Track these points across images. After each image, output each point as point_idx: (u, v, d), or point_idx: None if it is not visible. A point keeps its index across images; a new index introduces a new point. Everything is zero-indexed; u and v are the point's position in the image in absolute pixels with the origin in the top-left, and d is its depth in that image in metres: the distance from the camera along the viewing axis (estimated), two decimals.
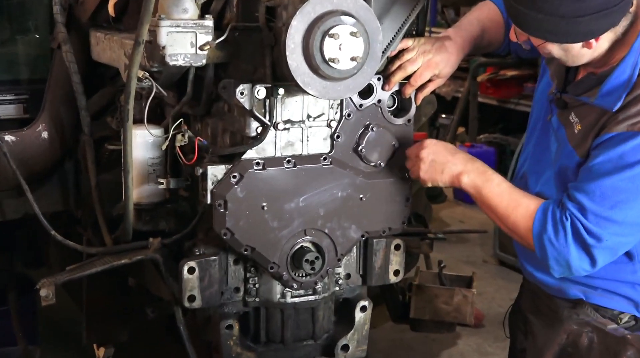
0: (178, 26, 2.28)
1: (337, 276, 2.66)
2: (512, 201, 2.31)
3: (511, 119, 7.49)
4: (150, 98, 2.42)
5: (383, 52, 2.43)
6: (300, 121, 2.45)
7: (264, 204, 2.40)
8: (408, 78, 2.51)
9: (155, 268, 2.69)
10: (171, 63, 2.30)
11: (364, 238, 2.61)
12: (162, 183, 2.57)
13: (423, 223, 3.22)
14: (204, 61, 2.34)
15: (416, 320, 3.32)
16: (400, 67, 2.49)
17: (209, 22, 2.32)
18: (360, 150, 2.52)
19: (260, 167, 2.40)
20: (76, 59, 2.96)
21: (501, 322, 2.89)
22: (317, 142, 2.48)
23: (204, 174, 2.38)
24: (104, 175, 3.01)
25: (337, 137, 2.49)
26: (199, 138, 2.46)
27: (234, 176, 2.38)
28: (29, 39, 3.32)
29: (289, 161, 2.43)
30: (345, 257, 2.64)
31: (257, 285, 2.56)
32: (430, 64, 2.49)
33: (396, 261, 2.69)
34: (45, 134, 3.09)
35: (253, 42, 2.37)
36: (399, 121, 2.57)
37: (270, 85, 2.32)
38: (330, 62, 2.18)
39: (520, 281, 2.75)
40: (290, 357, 2.63)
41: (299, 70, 2.19)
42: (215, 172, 2.38)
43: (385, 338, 4.55)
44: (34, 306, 3.76)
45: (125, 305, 3.33)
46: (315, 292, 2.60)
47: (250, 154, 2.40)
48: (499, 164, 7.45)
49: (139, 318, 3.17)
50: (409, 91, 2.53)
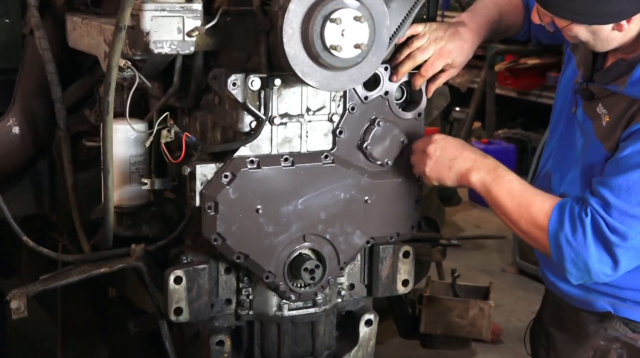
0: (163, 10, 2.29)
1: (340, 286, 2.67)
2: (526, 200, 2.31)
3: (532, 112, 7.50)
4: (133, 89, 2.42)
5: (390, 39, 2.43)
6: (298, 115, 2.45)
7: (259, 206, 2.41)
8: (418, 68, 2.52)
9: (138, 277, 2.70)
10: (156, 51, 2.31)
11: (369, 245, 2.62)
12: (146, 184, 2.57)
13: (435, 227, 3.22)
14: (192, 49, 2.35)
15: (427, 336, 3.32)
16: (409, 56, 2.50)
17: (197, 5, 2.33)
18: (366, 147, 2.52)
19: (255, 166, 2.41)
20: (50, 46, 2.96)
21: (521, 337, 2.90)
22: (318, 138, 2.49)
23: (192, 174, 2.38)
24: (81, 175, 3.02)
25: (340, 133, 2.50)
26: (186, 133, 2.46)
27: (226, 176, 2.38)
28: None
29: (286, 159, 2.44)
30: (348, 266, 2.65)
31: (251, 297, 2.57)
32: (443, 52, 2.50)
33: (405, 270, 2.70)
34: (16, 130, 3.09)
35: (246, 27, 2.37)
36: (409, 115, 2.58)
37: (265, 75, 2.33)
38: (331, 50, 2.19)
39: (542, 293, 2.76)
40: None
41: (297, 58, 2.20)
42: (205, 171, 2.39)
43: (393, 356, 4.56)
44: (4, 319, 3.77)
45: (105, 319, 3.34)
46: (315, 304, 2.60)
47: (243, 151, 2.41)
48: (520, 162, 7.46)
49: (119, 333, 3.17)
50: (420, 82, 2.54)
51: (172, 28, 2.30)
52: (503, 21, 2.63)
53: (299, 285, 2.52)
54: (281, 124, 2.43)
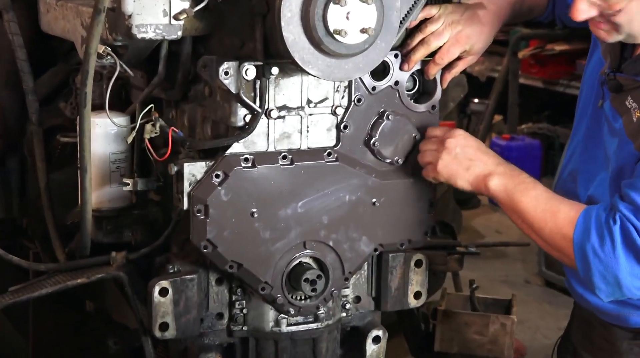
0: None
1: (344, 299, 2.68)
2: (551, 207, 2.31)
3: (560, 104, 7.49)
4: (113, 79, 2.43)
5: (401, 22, 2.44)
6: (298, 108, 2.46)
7: (254, 210, 2.42)
8: (432, 55, 2.53)
9: (118, 289, 2.70)
10: (139, 36, 2.31)
11: (377, 253, 2.62)
12: (128, 184, 2.58)
13: (451, 233, 3.23)
14: (179, 34, 2.35)
15: (442, 354, 3.33)
16: (422, 42, 2.51)
17: None
18: (373, 143, 2.53)
19: (250, 164, 2.42)
20: (21, 31, 2.96)
21: (548, 356, 2.90)
22: (320, 133, 2.50)
23: (180, 173, 2.39)
24: (55, 174, 3.02)
25: (345, 127, 2.51)
26: (173, 128, 2.47)
27: (217, 176, 2.39)
28: None
29: (284, 157, 2.45)
30: (354, 276, 2.66)
31: (245, 311, 2.58)
32: (460, 37, 2.51)
33: (417, 281, 2.70)
34: None
35: (240, 10, 2.38)
36: (421, 107, 2.59)
37: (261, 63, 2.33)
38: (335, 35, 2.19)
39: (571, 306, 2.76)
40: None
41: (296, 44, 2.20)
42: (194, 170, 2.39)
43: None
44: None
45: (81, 335, 3.35)
46: (317, 319, 2.61)
47: (236, 148, 2.41)
48: (546, 161, 7.46)
49: (98, 351, 3.18)
50: (434, 71, 2.55)
51: (157, 10, 2.30)
52: (525, 1, 2.64)
53: (298, 298, 2.53)
54: (279, 117, 2.44)
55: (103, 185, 2.65)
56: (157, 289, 2.46)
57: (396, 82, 2.55)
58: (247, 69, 2.34)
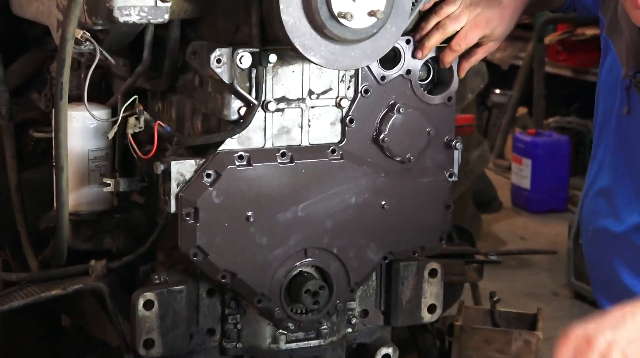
0: None
1: (350, 313, 2.69)
2: None
3: (591, 96, 7.50)
4: (93, 68, 2.43)
5: (413, 4, 2.44)
6: (299, 100, 2.47)
7: (250, 213, 2.43)
8: (448, 41, 2.54)
9: (98, 301, 2.71)
10: (121, 19, 2.32)
11: (386, 261, 2.63)
12: (109, 185, 2.58)
13: (469, 239, 3.25)
14: (166, 17, 2.36)
15: None
16: (437, 26, 2.51)
17: None
18: (383, 139, 2.54)
19: (244, 162, 2.42)
20: None
21: None
22: (323, 128, 2.51)
23: (167, 173, 2.40)
24: (28, 173, 3.03)
25: (351, 121, 2.52)
26: (159, 122, 2.48)
27: (208, 175, 2.40)
28: None
29: (283, 155, 2.46)
30: (360, 287, 2.67)
31: (239, 326, 2.58)
32: (479, 21, 2.51)
33: (431, 293, 2.71)
34: None
35: None
36: (436, 99, 2.59)
37: (257, 50, 2.34)
38: (340, 18, 2.20)
39: None
40: None
41: (297, 29, 2.21)
42: (182, 169, 2.40)
43: None
44: None
45: (57, 353, 3.35)
46: (319, 335, 2.62)
47: (230, 144, 2.42)
48: (575, 159, 7.47)
49: None
50: (450, 59, 2.56)
51: None
52: None
53: (299, 311, 2.54)
54: (277, 110, 2.45)
55: (81, 186, 2.65)
56: (141, 302, 2.46)
57: (408, 71, 2.55)
58: (241, 57, 2.34)
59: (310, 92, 2.48)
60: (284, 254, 2.48)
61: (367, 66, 2.49)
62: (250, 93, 2.39)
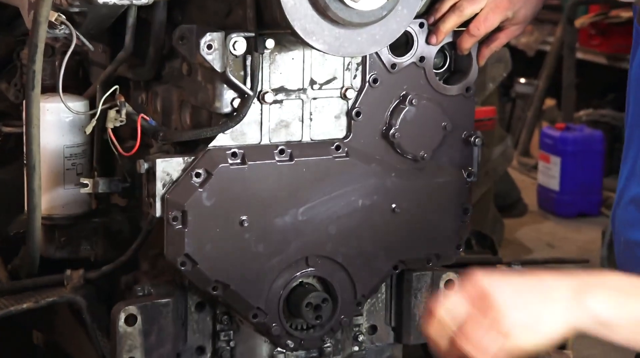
0: None
1: (357, 329, 2.69)
2: None
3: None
4: (68, 54, 2.44)
5: None
6: (299, 90, 2.48)
7: (244, 217, 2.43)
8: (466, 24, 2.54)
9: (74, 316, 2.71)
10: (100, 0, 2.33)
11: (397, 271, 2.64)
12: (87, 185, 2.58)
13: (490, 247, 3.24)
14: None
15: None
16: (454, 8, 2.51)
17: None
18: (393, 135, 2.54)
19: (238, 160, 2.43)
20: None
21: None
22: (326, 122, 2.51)
23: (151, 172, 2.40)
24: None
25: (357, 114, 2.52)
26: (142, 115, 2.48)
27: (198, 175, 2.40)
28: None
29: (282, 152, 2.46)
30: (368, 300, 2.67)
31: (232, 343, 2.59)
32: (501, 2, 2.51)
33: None
34: None
35: None
36: (453, 89, 2.60)
37: (252, 34, 2.34)
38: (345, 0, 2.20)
39: None
40: None
41: (297, 11, 2.21)
42: (169, 168, 2.40)
43: None
44: None
45: None
46: (322, 354, 2.63)
47: (222, 140, 2.43)
48: (609, 156, 7.44)
49: None
50: (469, 44, 2.56)
51: None
52: None
53: (299, 327, 2.55)
54: (275, 102, 2.45)
55: (55, 186, 2.66)
56: (122, 316, 2.45)
57: (421, 59, 2.55)
58: (235, 42, 2.34)
59: (312, 82, 2.48)
60: (282, 263, 2.48)
61: (376, 53, 2.49)
62: (244, 83, 2.39)
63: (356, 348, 2.70)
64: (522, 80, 8.36)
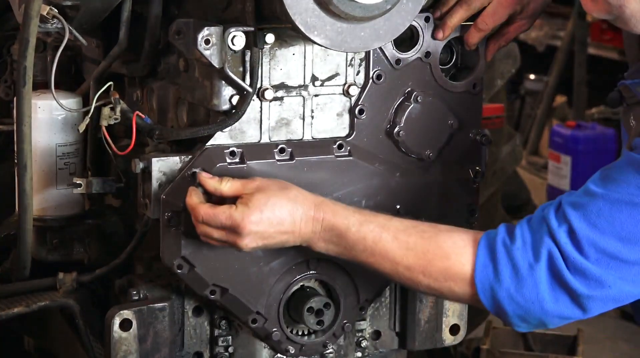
0: None
1: (360, 335, 2.69)
2: (429, 244, 2.28)
3: None
4: (61, 49, 2.43)
5: None
6: (300, 87, 2.47)
7: None
8: (474, 18, 2.53)
9: (67, 321, 2.70)
10: None
11: None
12: (80, 185, 2.58)
13: None
14: None
15: None
16: (461, 1, 2.51)
17: None
18: (397, 133, 2.53)
19: (237, 159, 2.42)
20: None
21: None
22: (328, 120, 2.51)
23: (147, 171, 2.40)
24: None
25: (360, 112, 2.51)
26: (138, 112, 2.47)
27: (195, 174, 2.39)
28: None
29: (282, 150, 2.45)
30: (372, 305, 2.66)
31: (231, 349, 2.58)
32: None
33: (454, 311, 2.71)
34: None
35: None
36: (460, 86, 2.59)
37: (252, 29, 2.33)
38: None
39: None
40: None
41: (298, 4, 2.20)
42: (165, 167, 2.40)
43: None
44: None
45: None
46: None
47: (220, 139, 2.42)
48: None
49: None
50: (476, 39, 2.55)
51: None
52: None
53: (300, 333, 2.54)
54: (275, 99, 2.44)
55: (47, 187, 2.66)
56: (117, 321, 2.45)
57: (427, 54, 2.55)
58: (233, 37, 2.33)
59: (314, 79, 2.47)
60: (282, 266, 2.48)
61: (380, 48, 2.49)
62: (243, 79, 2.38)
63: (359, 354, 2.70)
64: (532, 76, 8.37)
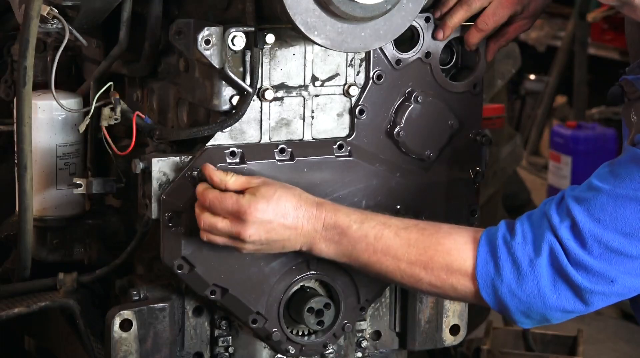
0: None
1: (360, 335, 2.69)
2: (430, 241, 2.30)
3: None
4: (61, 49, 2.44)
5: None
6: (300, 87, 2.48)
7: None
8: (474, 18, 2.54)
9: (67, 321, 2.71)
10: None
11: None
12: (80, 186, 2.58)
13: None
14: None
15: None
16: (461, 2, 2.51)
17: None
18: (398, 133, 2.54)
19: (237, 159, 2.43)
20: None
21: None
22: (328, 120, 2.51)
23: (147, 171, 2.40)
24: None
25: (361, 112, 2.52)
26: (138, 112, 2.48)
27: (195, 175, 2.41)
28: None
29: (282, 151, 2.46)
30: (372, 305, 2.67)
31: (231, 350, 2.59)
32: None
33: (454, 311, 2.72)
34: None
35: None
36: (460, 86, 2.60)
37: (252, 29, 2.34)
38: None
39: None
40: None
41: (299, 4, 2.21)
42: (165, 167, 2.40)
43: None
44: None
45: None
46: None
47: (220, 139, 2.43)
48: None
49: None
50: (476, 39, 2.56)
51: None
52: None
53: (300, 333, 2.55)
54: (275, 99, 2.45)
55: (47, 187, 2.66)
56: (117, 321, 2.46)
57: (427, 54, 2.55)
58: (234, 37, 2.34)
59: (314, 79, 2.48)
60: (282, 266, 2.49)
61: (380, 48, 2.50)
62: (243, 79, 2.39)
63: (359, 354, 2.70)
64: (532, 76, 8.35)
